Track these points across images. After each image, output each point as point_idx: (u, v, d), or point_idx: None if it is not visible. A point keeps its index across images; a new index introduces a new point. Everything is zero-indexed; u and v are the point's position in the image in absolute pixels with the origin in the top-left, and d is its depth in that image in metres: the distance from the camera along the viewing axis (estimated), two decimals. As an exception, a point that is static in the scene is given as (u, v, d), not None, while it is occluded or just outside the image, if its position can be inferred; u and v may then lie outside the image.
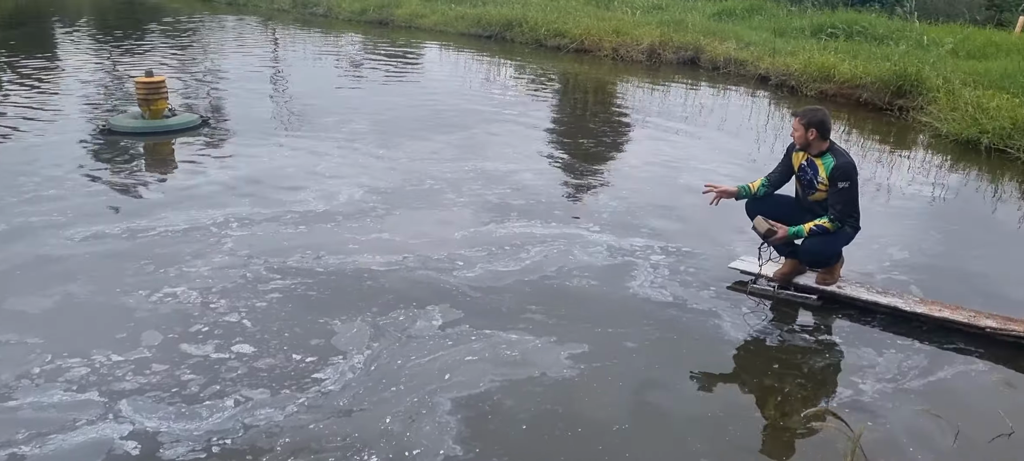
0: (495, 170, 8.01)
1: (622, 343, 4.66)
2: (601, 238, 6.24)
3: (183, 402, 3.91)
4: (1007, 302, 5.39)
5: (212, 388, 4.03)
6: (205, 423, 3.76)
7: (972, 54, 14.33)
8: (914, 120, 11.22)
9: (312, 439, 3.67)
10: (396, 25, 21.75)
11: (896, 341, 4.85)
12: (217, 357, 4.32)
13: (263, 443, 3.62)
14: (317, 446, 3.62)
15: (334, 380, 4.13)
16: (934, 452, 3.72)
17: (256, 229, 6.12)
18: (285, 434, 3.69)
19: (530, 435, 3.78)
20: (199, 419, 3.79)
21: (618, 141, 10.10)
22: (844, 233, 5.25)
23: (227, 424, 3.75)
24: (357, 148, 8.69)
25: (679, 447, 3.73)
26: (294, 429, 3.73)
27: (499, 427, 3.82)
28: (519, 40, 18.84)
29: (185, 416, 3.80)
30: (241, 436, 3.67)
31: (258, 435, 3.68)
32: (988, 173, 8.96)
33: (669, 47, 16.26)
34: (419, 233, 6.18)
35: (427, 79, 14.09)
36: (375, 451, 3.59)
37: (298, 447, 3.61)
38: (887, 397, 4.21)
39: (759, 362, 4.68)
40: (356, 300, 5.03)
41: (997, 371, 4.55)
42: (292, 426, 3.75)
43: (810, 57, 13.66)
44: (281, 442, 3.64)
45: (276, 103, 11.39)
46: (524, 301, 5.12)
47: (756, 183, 5.45)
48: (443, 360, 4.36)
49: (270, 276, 5.30)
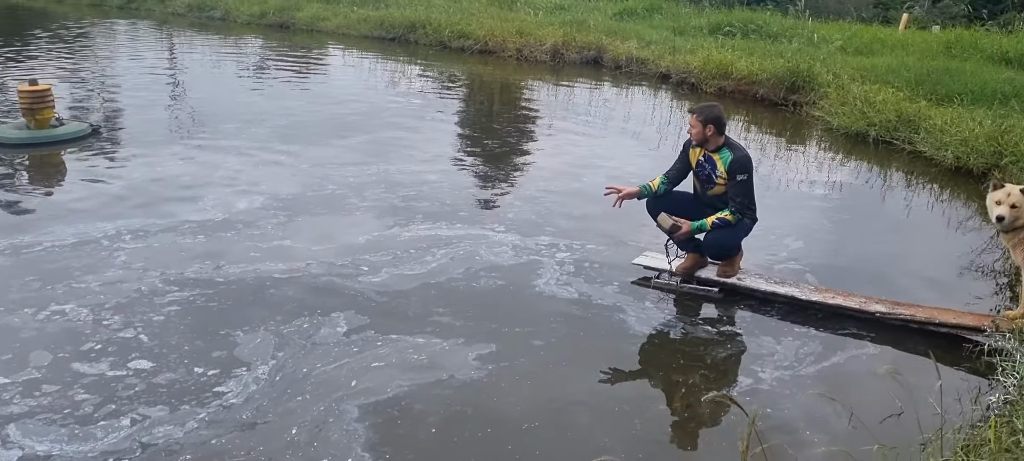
0: (399, 173, 7.94)
1: (530, 341, 4.67)
2: (507, 238, 6.25)
3: (76, 423, 3.74)
4: (895, 287, 5.64)
5: (107, 407, 3.86)
6: (100, 443, 3.60)
7: (860, 50, 14.94)
8: (807, 115, 11.62)
9: (214, 455, 3.55)
10: (297, 28, 21.37)
11: (793, 329, 5.01)
12: (112, 375, 4.14)
13: None
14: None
15: (237, 392, 4.01)
16: (829, 434, 3.85)
17: (151, 241, 5.90)
18: (185, 451, 3.57)
19: (440, 437, 3.75)
20: (94, 440, 3.62)
21: (523, 141, 10.15)
22: (744, 225, 5.39)
23: (123, 444, 3.60)
24: (257, 154, 8.47)
25: (587, 442, 3.76)
26: (195, 446, 3.60)
27: (408, 431, 3.78)
28: (423, 42, 18.76)
29: (78, 438, 3.64)
30: (138, 455, 3.53)
31: (157, 454, 3.54)
32: (876, 164, 9.34)
33: (572, 47, 16.44)
34: (322, 239, 6.07)
35: (330, 83, 13.89)
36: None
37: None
38: (785, 383, 4.34)
39: (664, 355, 4.76)
40: (258, 310, 4.91)
41: (887, 354, 4.74)
42: (193, 443, 3.62)
43: (709, 55, 14.00)
44: (181, 460, 3.51)
45: (172, 110, 11.02)
46: (431, 304, 5.08)
47: (656, 181, 5.54)
48: (349, 367, 4.29)
49: (167, 289, 5.12)
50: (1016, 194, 4.59)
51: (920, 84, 11.40)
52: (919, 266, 6.27)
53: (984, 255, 6.39)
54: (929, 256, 6.54)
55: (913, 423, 3.46)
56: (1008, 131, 8.48)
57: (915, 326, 4.96)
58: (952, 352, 4.69)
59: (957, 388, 4.29)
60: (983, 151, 8.39)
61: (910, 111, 10.07)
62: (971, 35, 15.37)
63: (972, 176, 8.34)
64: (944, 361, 4.48)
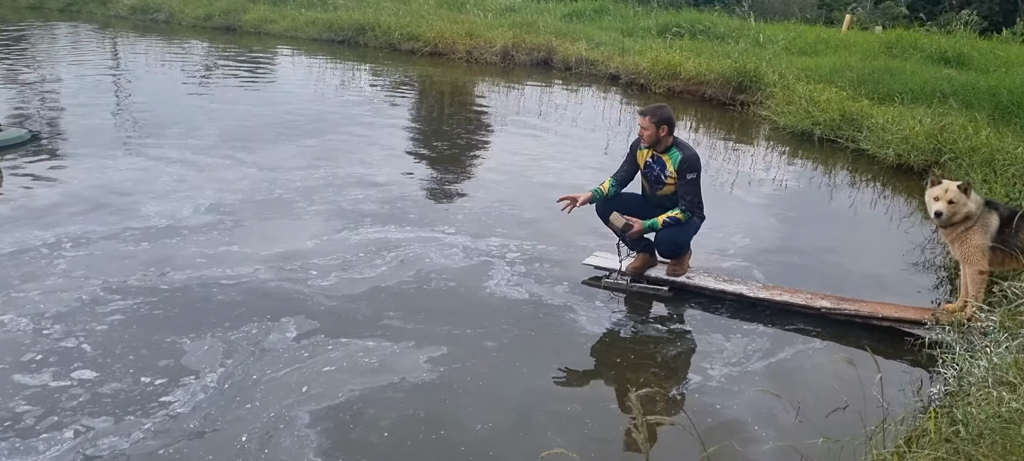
0: (347, 176, 7.86)
1: (481, 343, 4.67)
2: (457, 240, 6.23)
3: (17, 436, 3.62)
4: (840, 283, 5.75)
5: (49, 419, 3.76)
6: (41, 456, 3.50)
7: (804, 51, 15.22)
8: (754, 114, 11.80)
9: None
10: (244, 31, 21.10)
11: (742, 326, 5.08)
12: (54, 385, 4.03)
13: (106, 473, 3.42)
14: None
15: (184, 401, 3.94)
16: (777, 429, 3.91)
17: (93, 248, 5.76)
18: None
19: (393, 441, 3.73)
20: (35, 453, 3.52)
21: (473, 143, 10.14)
22: (693, 223, 5.45)
23: (66, 456, 3.50)
24: (203, 159, 8.32)
25: (540, 442, 3.76)
26: (141, 456, 3.52)
27: (361, 436, 3.75)
28: (372, 44, 18.65)
29: (19, 451, 3.53)
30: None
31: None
32: (821, 163, 9.52)
33: (522, 49, 16.49)
34: (270, 244, 5.99)
35: (278, 86, 13.71)
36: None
37: (144, 475, 3.42)
38: (734, 380, 4.40)
39: (615, 354, 4.78)
40: (205, 316, 4.82)
41: (833, 348, 4.83)
42: (139, 454, 3.54)
43: (657, 56, 14.15)
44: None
45: (116, 115, 10.76)
46: (381, 307, 5.04)
47: (605, 184, 5.56)
48: (300, 372, 4.24)
49: (110, 297, 5.00)
50: (953, 190, 4.70)
51: (862, 83, 11.66)
52: (863, 262, 6.40)
53: (925, 250, 6.55)
54: (873, 252, 6.68)
55: (858, 416, 3.51)
56: (947, 129, 8.71)
57: (859, 321, 5.07)
58: (895, 345, 4.80)
59: (900, 380, 4.39)
60: (923, 148, 8.60)
61: (853, 110, 10.29)
62: (911, 35, 15.76)
63: (913, 173, 8.55)
64: (887, 354, 4.60)
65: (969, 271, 4.81)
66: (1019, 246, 4.65)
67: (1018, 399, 3.14)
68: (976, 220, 4.74)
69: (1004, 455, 2.94)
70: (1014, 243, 4.67)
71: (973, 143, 8.18)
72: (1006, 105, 10.05)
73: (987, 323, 4.32)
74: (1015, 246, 4.66)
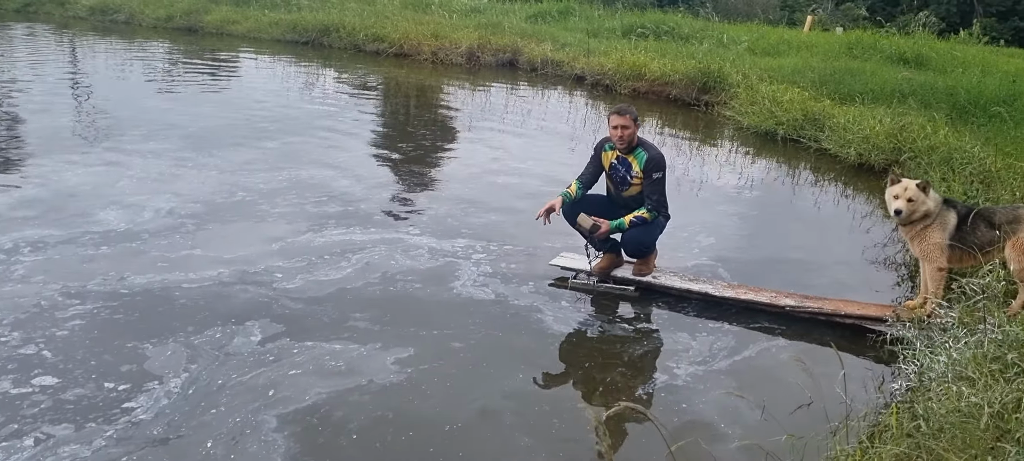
0: (311, 178, 7.81)
1: (449, 344, 4.66)
2: (422, 241, 6.21)
3: None
4: (804, 281, 5.82)
5: (9, 427, 3.67)
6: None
7: (767, 51, 15.39)
8: (719, 114, 11.91)
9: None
10: (206, 32, 20.88)
11: (708, 325, 5.12)
12: (15, 393, 3.94)
13: (67, 482, 3.36)
14: (129, 479, 3.39)
15: (147, 407, 3.87)
16: (743, 427, 3.94)
17: (51, 253, 5.65)
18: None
19: (362, 444, 3.70)
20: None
21: (438, 144, 10.11)
22: (659, 222, 5.48)
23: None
24: (164, 162, 8.20)
25: (509, 442, 3.77)
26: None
27: (329, 439, 3.71)
28: (337, 45, 18.55)
29: None
30: None
31: None
32: (785, 162, 9.63)
33: (488, 49, 16.50)
34: (233, 247, 5.91)
35: (241, 88, 13.56)
36: (193, 477, 3.41)
37: (107, 482, 3.37)
38: (700, 378, 4.42)
39: (582, 354, 4.79)
40: (168, 321, 4.74)
41: (797, 346, 4.89)
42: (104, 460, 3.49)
43: (622, 57, 14.22)
44: None
45: (74, 118, 10.57)
46: (347, 309, 5.01)
47: (573, 187, 5.54)
48: (266, 376, 4.19)
49: (69, 302, 4.91)
50: (912, 189, 4.78)
51: (824, 84, 11.81)
52: (826, 260, 6.48)
53: (886, 248, 6.64)
54: (835, 250, 6.77)
55: (822, 412, 3.56)
56: (906, 128, 8.85)
57: (823, 318, 5.13)
58: (858, 342, 4.87)
59: (862, 377, 4.45)
60: (883, 148, 8.74)
61: (815, 110, 10.42)
62: (871, 36, 16.00)
63: (874, 172, 8.67)
64: (850, 351, 4.66)
65: (928, 268, 4.89)
66: (976, 243, 4.74)
67: (977, 394, 3.19)
68: (935, 218, 4.82)
69: (964, 448, 2.99)
70: (971, 240, 4.75)
71: (932, 142, 8.32)
72: (963, 105, 10.25)
73: (946, 319, 4.39)
74: (972, 243, 4.74)
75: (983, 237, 4.74)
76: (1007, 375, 3.36)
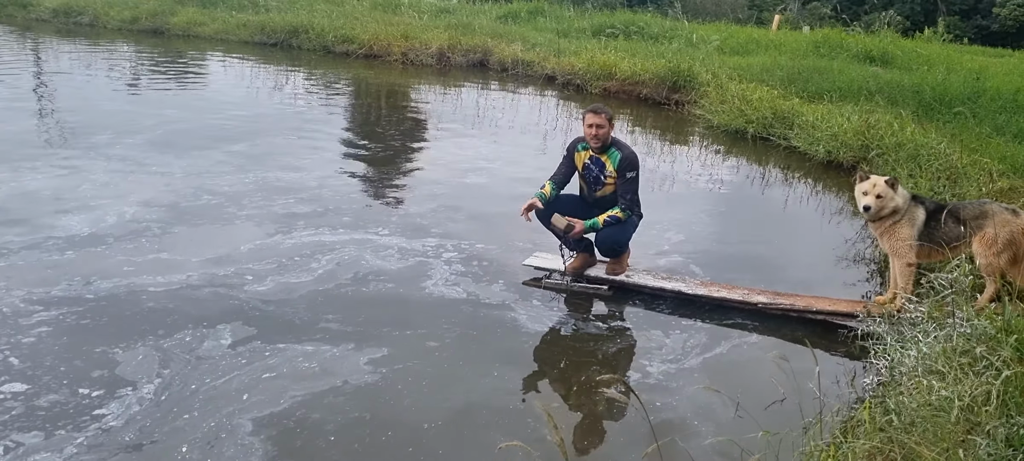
0: (279, 181, 7.73)
1: (423, 343, 4.64)
2: (393, 241, 6.18)
3: None
4: (775, 278, 5.86)
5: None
6: (-35, 475, 3.37)
7: (736, 50, 15.51)
8: (689, 113, 11.97)
9: None
10: (172, 34, 20.65)
11: (681, 322, 5.14)
12: (-22, 401, 3.87)
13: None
14: (101, 487, 3.34)
15: (119, 414, 3.81)
16: (717, 424, 3.95)
17: (13, 259, 5.52)
18: None
19: (340, 445, 3.67)
20: (-40, 472, 3.39)
21: (408, 145, 10.07)
22: (632, 221, 5.49)
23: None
24: (129, 165, 8.05)
25: (486, 440, 3.76)
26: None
27: (307, 442, 3.69)
28: (306, 47, 18.43)
29: None
30: None
31: None
32: (755, 160, 9.70)
33: (458, 50, 16.47)
34: (201, 250, 5.83)
35: (208, 90, 13.39)
36: (168, 482, 3.36)
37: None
38: (674, 376, 4.44)
39: (557, 352, 4.79)
40: (137, 325, 4.67)
41: (769, 342, 4.93)
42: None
43: (593, 56, 14.26)
44: None
45: (36, 121, 10.33)
46: (319, 311, 4.97)
47: (547, 187, 5.51)
48: (239, 380, 4.14)
49: (32, 309, 4.81)
50: (881, 185, 4.83)
51: (792, 82, 11.93)
52: (797, 256, 6.54)
53: (856, 244, 6.71)
54: (806, 247, 6.83)
55: (795, 408, 3.58)
56: (874, 125, 8.95)
57: (795, 314, 5.17)
58: (829, 338, 4.91)
59: (835, 372, 4.49)
60: (852, 145, 8.83)
61: (784, 108, 10.51)
62: (837, 35, 16.17)
63: (842, 169, 8.76)
64: (822, 346, 4.70)
65: (898, 264, 4.94)
66: (944, 239, 4.80)
67: (947, 387, 3.23)
68: (904, 214, 4.87)
69: (936, 442, 3.02)
70: (939, 237, 4.81)
71: (899, 139, 8.42)
72: (929, 102, 10.39)
73: (916, 314, 4.44)
74: (940, 239, 4.80)
75: (951, 233, 4.80)
76: (976, 368, 3.40)
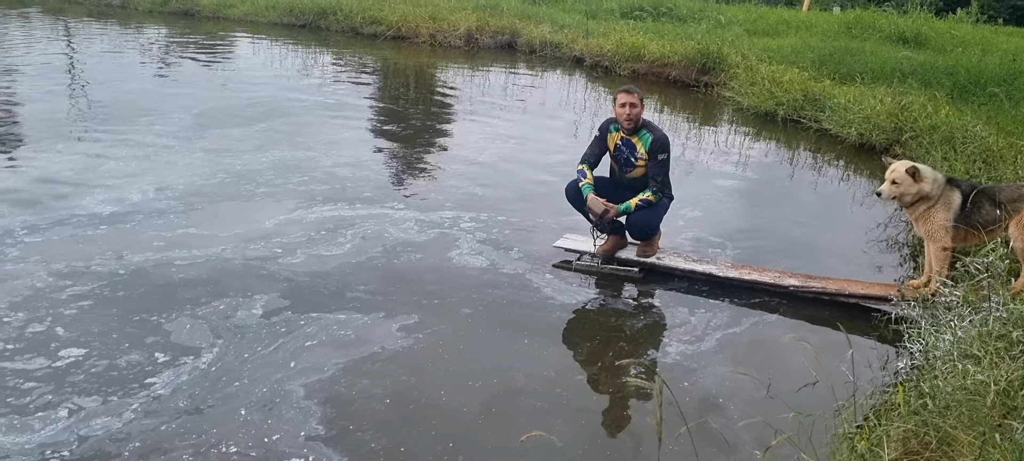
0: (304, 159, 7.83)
1: (458, 310, 4.79)
2: (421, 216, 6.35)
3: (15, 413, 3.61)
4: (806, 261, 5.85)
5: (43, 398, 3.73)
6: (37, 435, 3.48)
7: (766, 31, 15.37)
8: (718, 95, 11.89)
9: (163, 440, 3.49)
10: (202, 16, 20.79)
11: (711, 304, 5.15)
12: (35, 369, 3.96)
13: (110, 449, 3.42)
14: (168, 446, 3.45)
15: (169, 381, 3.93)
16: (749, 404, 3.97)
17: (49, 234, 5.63)
18: (133, 439, 3.48)
19: (396, 408, 3.81)
20: (31, 431, 3.51)
21: (436, 125, 10.12)
22: (663, 204, 5.48)
23: (61, 435, 3.49)
24: (159, 145, 8.14)
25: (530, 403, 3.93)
26: (139, 434, 3.52)
27: (363, 405, 3.82)
28: (334, 28, 18.49)
29: (16, 429, 3.51)
30: (77, 447, 3.42)
31: (101, 442, 3.45)
32: (785, 143, 9.63)
33: (486, 32, 16.44)
34: (230, 225, 5.96)
35: (237, 71, 13.45)
36: (234, 442, 3.49)
37: (147, 450, 3.43)
38: (704, 358, 4.46)
39: (585, 328, 4.87)
40: (172, 297, 4.81)
41: (801, 325, 4.92)
42: (137, 431, 3.54)
43: (621, 38, 14.18)
44: (130, 447, 3.43)
45: (69, 102, 10.45)
46: (351, 282, 5.13)
47: (589, 175, 5.47)
48: (285, 348, 4.28)
49: (67, 283, 4.88)
50: (900, 172, 4.78)
51: (824, 64, 11.80)
52: (828, 240, 6.51)
53: (889, 228, 6.66)
54: (838, 230, 6.79)
55: (828, 391, 3.58)
56: (907, 108, 8.85)
57: (827, 298, 5.15)
58: (862, 321, 4.89)
59: (867, 356, 4.48)
60: (885, 127, 8.75)
61: (815, 90, 10.42)
62: (869, 16, 15.97)
63: (875, 151, 8.67)
64: (854, 330, 4.68)
65: (932, 248, 4.90)
66: (980, 222, 4.75)
67: (983, 371, 3.22)
68: (938, 199, 4.82)
69: (971, 425, 3.01)
70: (975, 219, 4.76)
71: (933, 122, 8.33)
72: (964, 84, 10.25)
73: (951, 298, 4.41)
74: (976, 222, 4.75)
75: (987, 216, 4.75)
76: (1012, 353, 3.38)
